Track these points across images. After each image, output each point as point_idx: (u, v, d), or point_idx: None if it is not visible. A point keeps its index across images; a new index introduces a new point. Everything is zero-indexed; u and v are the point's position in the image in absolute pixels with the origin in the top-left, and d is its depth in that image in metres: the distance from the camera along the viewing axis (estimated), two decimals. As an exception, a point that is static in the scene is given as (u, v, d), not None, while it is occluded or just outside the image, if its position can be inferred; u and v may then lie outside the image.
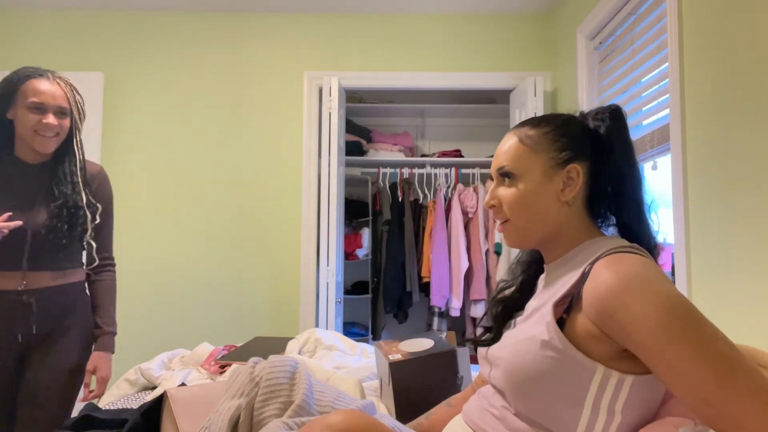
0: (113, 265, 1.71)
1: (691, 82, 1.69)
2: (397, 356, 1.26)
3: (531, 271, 1.05)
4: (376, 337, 3.65)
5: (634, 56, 2.13)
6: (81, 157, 1.57)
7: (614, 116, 0.95)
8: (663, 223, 2.17)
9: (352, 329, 3.70)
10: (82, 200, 1.53)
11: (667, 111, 1.86)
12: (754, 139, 1.41)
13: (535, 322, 0.87)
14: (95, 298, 1.65)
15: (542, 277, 1.00)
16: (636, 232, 0.93)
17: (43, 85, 1.47)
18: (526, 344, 0.85)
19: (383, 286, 3.55)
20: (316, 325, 3.01)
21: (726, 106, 1.52)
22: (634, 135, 2.13)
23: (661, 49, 1.91)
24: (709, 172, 1.59)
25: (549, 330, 0.82)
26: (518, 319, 0.98)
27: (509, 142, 0.97)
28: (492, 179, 1.01)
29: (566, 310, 0.84)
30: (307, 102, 3.09)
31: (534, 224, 0.93)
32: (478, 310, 3.39)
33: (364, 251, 3.65)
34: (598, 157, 0.93)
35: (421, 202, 3.71)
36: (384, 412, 1.28)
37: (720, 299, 1.54)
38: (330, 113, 2.87)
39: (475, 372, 1.63)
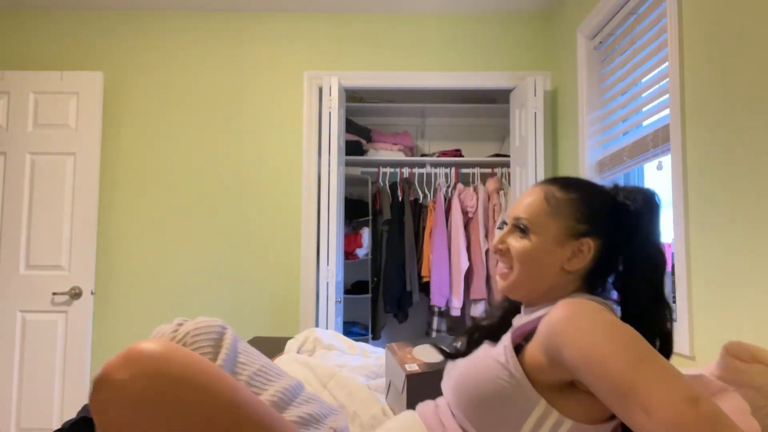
0: None
1: (691, 82, 1.69)
2: (414, 367, 1.25)
3: (509, 313, 1.07)
4: (376, 336, 3.65)
5: (634, 56, 2.12)
6: None
7: (647, 201, 0.94)
8: (663, 224, 2.17)
9: (352, 329, 3.69)
10: None
11: (667, 111, 1.86)
12: (754, 138, 1.41)
13: (495, 346, 0.90)
14: None
15: (518, 317, 1.02)
16: (647, 314, 0.89)
17: None
18: (482, 361, 0.88)
19: (383, 286, 3.54)
20: (316, 325, 3.01)
21: (726, 106, 1.52)
22: (634, 135, 2.12)
23: (661, 49, 1.91)
24: (709, 172, 1.59)
25: (506, 353, 0.85)
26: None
27: (534, 196, 0.96)
28: (505, 225, 1.00)
29: (525, 338, 0.87)
30: (307, 102, 3.09)
31: (530, 282, 0.94)
32: (478, 310, 3.39)
33: (364, 251, 3.65)
34: (617, 235, 0.93)
35: (421, 201, 3.71)
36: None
37: (720, 299, 1.54)
38: (330, 113, 2.87)
39: None
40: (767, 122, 1.36)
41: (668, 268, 1.89)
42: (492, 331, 1.03)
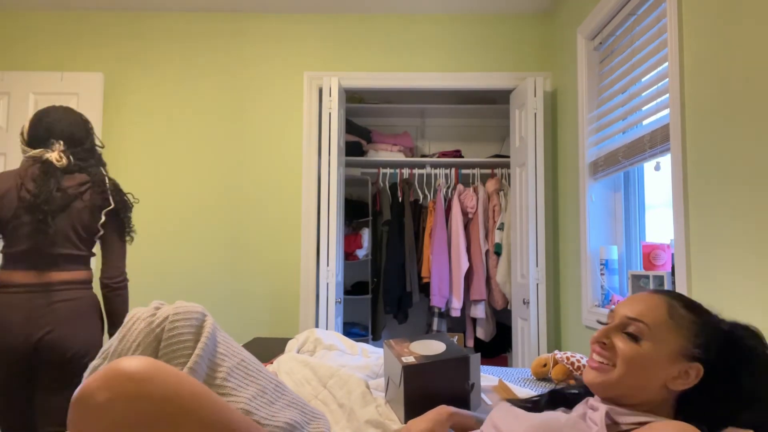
0: None
1: (691, 82, 1.69)
2: (410, 359, 1.26)
3: (590, 393, 1.06)
4: (376, 337, 3.65)
5: (634, 56, 2.13)
6: None
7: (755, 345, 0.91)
8: (663, 224, 2.17)
9: (352, 329, 3.70)
10: None
11: (667, 111, 1.86)
12: (754, 138, 1.41)
13: (575, 411, 0.92)
14: None
15: (591, 403, 0.98)
16: None
17: None
18: (572, 421, 0.88)
19: (383, 287, 3.54)
20: (316, 325, 3.01)
21: (726, 106, 1.52)
22: (634, 135, 2.12)
23: (661, 49, 1.91)
24: (709, 172, 1.59)
25: (600, 426, 0.84)
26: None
27: (653, 304, 0.93)
28: (609, 326, 0.97)
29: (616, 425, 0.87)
30: (307, 102, 3.09)
31: (630, 388, 0.90)
32: (478, 311, 3.39)
33: (364, 251, 3.65)
34: (723, 370, 0.90)
35: (421, 202, 3.71)
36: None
37: (720, 299, 1.54)
38: (330, 113, 2.87)
39: (485, 380, 1.63)
40: (767, 122, 1.36)
41: (669, 269, 1.89)
42: (569, 400, 1.03)
